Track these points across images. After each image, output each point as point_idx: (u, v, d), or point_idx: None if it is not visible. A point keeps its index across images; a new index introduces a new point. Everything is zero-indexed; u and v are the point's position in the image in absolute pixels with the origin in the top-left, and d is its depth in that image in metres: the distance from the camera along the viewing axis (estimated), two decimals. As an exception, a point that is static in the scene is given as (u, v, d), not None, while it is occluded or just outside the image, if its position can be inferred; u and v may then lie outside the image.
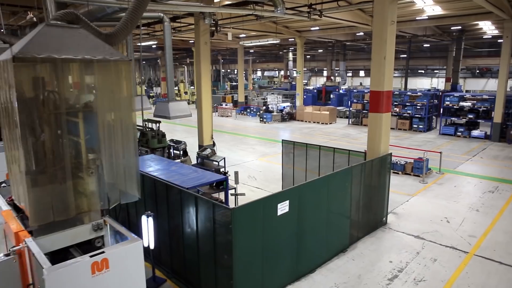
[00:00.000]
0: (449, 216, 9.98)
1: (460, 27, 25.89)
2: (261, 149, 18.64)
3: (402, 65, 41.26)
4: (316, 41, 32.02)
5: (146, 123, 11.64)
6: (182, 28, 20.19)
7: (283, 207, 6.31)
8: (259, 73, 74.18)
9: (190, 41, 36.05)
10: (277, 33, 27.14)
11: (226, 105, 33.79)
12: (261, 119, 28.26)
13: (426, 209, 10.46)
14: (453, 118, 22.31)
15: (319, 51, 44.94)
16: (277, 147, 19.13)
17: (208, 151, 12.72)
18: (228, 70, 68.70)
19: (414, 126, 23.46)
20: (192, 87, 47.43)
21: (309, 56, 55.98)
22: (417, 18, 20.29)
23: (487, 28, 25.46)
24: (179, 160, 10.39)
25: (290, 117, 29.13)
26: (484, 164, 15.46)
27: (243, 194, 9.93)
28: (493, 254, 7.91)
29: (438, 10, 19.06)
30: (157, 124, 11.12)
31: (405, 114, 23.74)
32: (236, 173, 9.48)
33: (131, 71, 5.86)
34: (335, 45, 36.20)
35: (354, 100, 26.54)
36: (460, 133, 21.34)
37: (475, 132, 20.99)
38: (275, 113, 28.73)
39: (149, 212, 6.75)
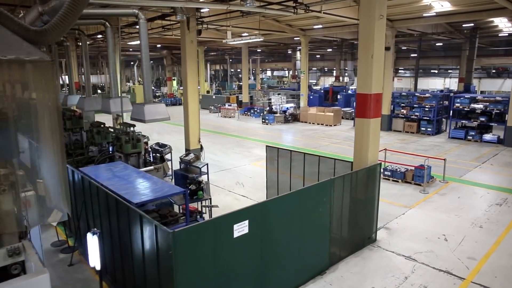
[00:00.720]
0: (447, 233, 8.96)
1: (473, 24, 24.51)
2: (257, 153, 17.80)
3: (413, 65, 39.81)
4: (323, 40, 30.99)
5: (123, 126, 10.95)
6: (174, 26, 19.48)
7: (241, 228, 5.48)
8: (269, 73, 73.35)
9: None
10: (280, 31, 26.28)
11: (229, 105, 33.04)
12: (263, 120, 27.41)
13: (423, 224, 9.45)
14: (463, 121, 21.00)
15: (328, 50, 43.84)
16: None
17: (191, 156, 11.97)
18: (238, 70, 68.11)
19: (422, 129, 22.22)
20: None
21: (320, 56, 54.90)
22: (424, 15, 19.10)
23: (503, 25, 24.01)
24: (151, 168, 9.65)
25: (294, 118, 28.19)
26: (494, 172, 14.25)
27: (216, 206, 9.14)
28: (493, 282, 6.89)
29: (447, 6, 17.87)
30: (132, 128, 10.42)
31: (413, 116, 22.52)
32: (206, 185, 8.66)
33: (55, 74, 5.10)
34: (343, 44, 35.13)
35: (360, 101, 25.40)
36: (471, 137, 20.04)
37: (487, 136, 19.66)
38: (278, 114, 27.83)
39: (95, 229, 6.03)
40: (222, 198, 11.65)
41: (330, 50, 42.83)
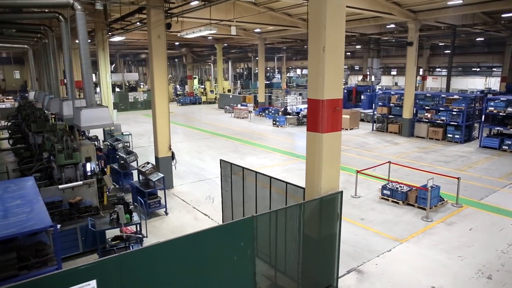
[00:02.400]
0: (440, 285, 6.73)
1: (514, 14, 21.02)
2: (250, 160, 16.01)
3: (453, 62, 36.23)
4: (348, 36, 28.29)
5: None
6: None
7: (79, 296, 3.79)
8: (298, 71, 70.87)
9: (209, 37, 34.23)
10: (293, 26, 24.23)
11: (243, 105, 31.41)
12: (274, 122, 25.48)
13: (409, 269, 7.25)
14: (499, 128, 17.89)
15: (357, 47, 40.89)
16: (270, 158, 16.40)
17: (149, 166, 10.47)
18: (269, 68, 66.27)
19: (449, 135, 19.30)
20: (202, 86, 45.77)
21: (351, 53, 51.75)
22: (449, 3, 16.32)
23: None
24: (77, 184, 8.17)
25: (308, 120, 25.98)
26: (526, 194, 11.51)
27: (141, 236, 7.50)
28: None
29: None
30: (70, 137, 9.05)
31: (438, 121, 19.65)
32: (120, 209, 7.02)
33: None
34: (370, 40, 32.26)
35: (379, 103, 22.80)
36: (506, 147, 16.96)
37: (526, 147, 16.54)
38: (290, 116, 25.78)
39: None
40: (179, 217, 10.04)
41: (359, 47, 39.89)
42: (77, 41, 8.98)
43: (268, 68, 63.61)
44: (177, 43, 38.44)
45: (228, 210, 8.67)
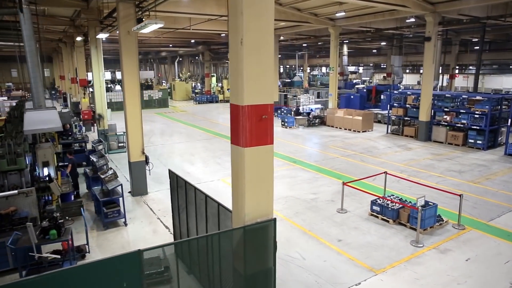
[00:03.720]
0: (407, 336, 5.37)
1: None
2: (242, 165, 14.92)
3: (484, 59, 33.32)
4: (358, 31, 26.31)
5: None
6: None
7: None
8: (324, 69, 68.81)
9: (222, 34, 33.35)
10: (304, 21, 22.84)
11: (255, 105, 30.29)
12: (283, 123, 24.21)
13: (376, 311, 5.93)
14: (528, 133, 15.74)
15: (382, 44, 38.63)
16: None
17: (110, 172, 9.67)
18: (288, 66, 64.82)
19: (470, 141, 17.28)
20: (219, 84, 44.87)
21: (375, 50, 49.29)
22: (469, -8, 14.41)
23: None
24: (13, 192, 7.44)
25: (321, 121, 24.53)
26: (549, 216, 9.67)
27: (56, 258, 6.63)
28: None
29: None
30: (13, 140, 8.38)
31: (459, 125, 17.66)
32: (29, 227, 6.15)
33: None
34: (394, 36, 30.14)
35: (395, 104, 20.96)
36: (535, 156, 14.86)
37: (559, 156, 14.36)
38: (300, 117, 24.39)
39: None
40: (138, 229, 9.15)
41: (384, 43, 37.63)
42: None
43: (289, 66, 62.13)
44: (192, 41, 37.89)
45: (184, 227, 7.63)
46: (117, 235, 8.89)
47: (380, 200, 9.51)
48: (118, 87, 40.85)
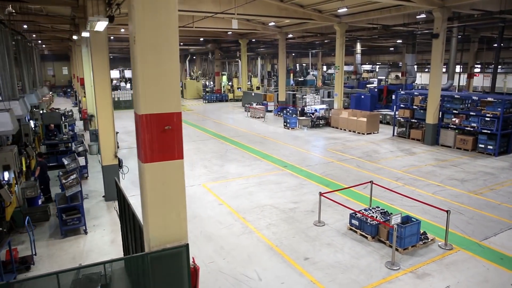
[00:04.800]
0: None
1: None
2: (229, 168, 14.27)
3: (504, 57, 31.43)
4: (364, 28, 24.99)
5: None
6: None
7: None
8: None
9: (229, 32, 32.77)
10: (307, 18, 21.91)
11: (261, 104, 29.54)
12: (285, 124, 23.35)
13: None
14: (544, 139, 14.32)
15: (398, 41, 37.04)
16: (254, 166, 14.50)
17: (72, 177, 9.21)
18: (303, 64, 63.55)
19: (480, 146, 15.97)
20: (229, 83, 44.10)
21: (392, 48, 47.45)
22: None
23: None
24: None
25: (326, 122, 23.54)
26: (555, 235, 8.50)
27: (28, 263, 6.15)
28: None
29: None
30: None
31: (468, 128, 16.35)
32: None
33: None
34: (409, 34, 28.66)
35: (401, 105, 19.75)
36: (551, 164, 13.47)
37: None
38: (303, 118, 23.47)
39: None
40: (97, 238, 8.65)
41: (400, 41, 36.04)
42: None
43: (305, 65, 60.84)
44: (201, 39, 37.51)
45: (126, 242, 7.04)
46: (73, 244, 8.40)
47: (358, 214, 8.62)
48: (127, 86, 41.01)
